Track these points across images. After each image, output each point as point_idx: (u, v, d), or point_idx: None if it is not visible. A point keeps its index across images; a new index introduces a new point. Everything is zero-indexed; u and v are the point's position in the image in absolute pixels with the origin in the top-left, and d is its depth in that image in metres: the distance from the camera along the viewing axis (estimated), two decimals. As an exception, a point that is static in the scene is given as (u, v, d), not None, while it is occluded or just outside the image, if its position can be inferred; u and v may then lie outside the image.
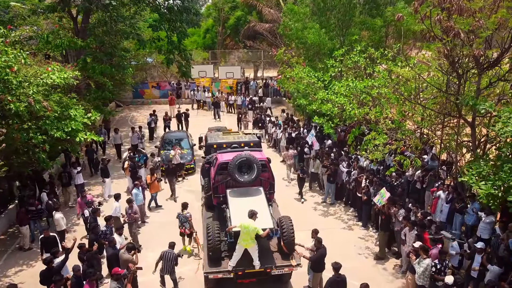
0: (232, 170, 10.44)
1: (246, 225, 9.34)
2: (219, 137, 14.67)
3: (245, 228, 9.32)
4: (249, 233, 9.36)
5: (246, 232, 9.35)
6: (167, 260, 10.61)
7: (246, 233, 9.36)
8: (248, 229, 9.33)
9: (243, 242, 9.45)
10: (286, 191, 17.31)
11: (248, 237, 9.39)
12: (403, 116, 13.02)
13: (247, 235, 9.37)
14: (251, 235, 9.40)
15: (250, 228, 9.34)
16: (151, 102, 33.63)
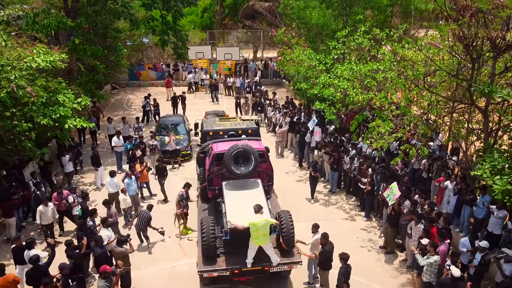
0: (227, 161, 9.76)
1: (255, 222, 8.78)
2: (216, 124, 13.96)
3: (255, 226, 8.77)
4: (259, 230, 8.81)
5: (256, 230, 8.81)
6: (141, 219, 11.65)
7: (256, 231, 8.82)
8: (258, 226, 8.78)
9: (255, 240, 8.90)
10: (286, 178, 16.70)
11: (260, 234, 8.85)
12: (409, 101, 12.25)
13: (257, 232, 8.83)
14: (263, 231, 8.85)
15: (260, 224, 8.79)
16: (147, 84, 32.75)
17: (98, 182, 15.79)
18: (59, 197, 12.17)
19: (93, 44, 19.45)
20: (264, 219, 8.87)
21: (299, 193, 15.36)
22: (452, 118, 11.79)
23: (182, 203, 12.27)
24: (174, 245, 12.18)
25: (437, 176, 12.69)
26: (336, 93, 13.62)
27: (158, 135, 19.01)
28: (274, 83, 32.85)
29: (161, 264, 11.34)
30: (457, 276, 8.34)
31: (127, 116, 25.16)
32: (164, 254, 11.71)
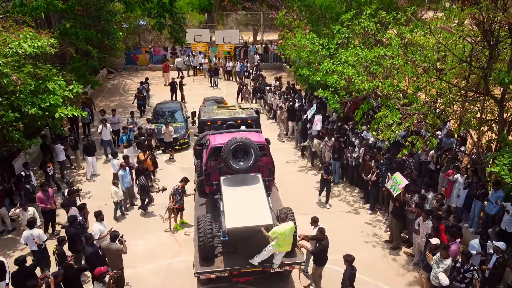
0: (226, 156, 9.16)
1: (283, 231, 8.32)
2: (214, 113, 13.30)
3: (282, 235, 8.32)
4: (286, 238, 8.39)
5: (283, 239, 8.37)
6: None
7: (284, 240, 8.38)
8: (286, 235, 8.37)
9: (279, 247, 8.44)
10: (287, 168, 16.13)
11: (286, 242, 8.44)
12: (418, 89, 11.57)
13: (284, 241, 8.40)
14: (289, 240, 8.47)
15: (287, 232, 8.39)
16: (145, 68, 31.91)
17: (89, 172, 15.21)
18: (45, 196, 11.32)
19: (86, 27, 18.60)
20: (291, 227, 8.51)
21: (300, 184, 14.81)
22: (463, 107, 11.12)
23: (175, 197, 11.73)
24: (171, 240, 11.69)
25: (446, 168, 12.10)
26: (340, 80, 12.93)
27: (154, 122, 18.40)
28: (275, 67, 32.02)
29: (157, 261, 10.85)
30: (445, 285, 8.07)
31: (123, 102, 24.64)
32: (160, 251, 11.22)
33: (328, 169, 12.94)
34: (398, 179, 10.45)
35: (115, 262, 9.28)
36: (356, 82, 12.16)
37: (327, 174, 12.89)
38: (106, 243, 9.41)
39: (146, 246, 11.40)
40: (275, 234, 8.30)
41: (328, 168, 12.95)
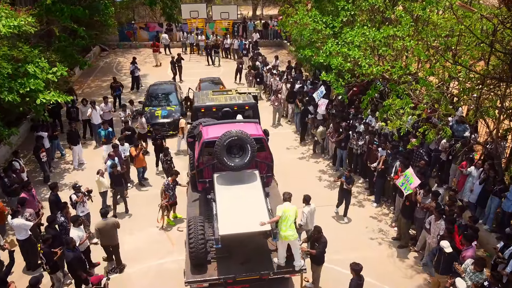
0: (219, 152, 8.24)
1: (287, 208, 7.80)
2: (208, 98, 12.31)
3: (286, 212, 7.72)
4: (288, 219, 7.67)
5: (285, 218, 7.67)
6: None
7: (286, 219, 7.66)
8: (289, 214, 7.74)
9: (283, 233, 7.62)
10: (286, 155, 15.25)
11: (288, 225, 7.64)
12: (431, 74, 10.54)
13: (286, 222, 7.65)
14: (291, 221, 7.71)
15: (291, 211, 7.80)
16: (139, 46, 30.58)
17: (76, 161, 14.32)
18: (30, 196, 10.27)
19: (72, 3, 17.31)
20: (294, 207, 7.93)
21: (301, 174, 13.94)
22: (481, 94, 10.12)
23: (168, 193, 10.92)
24: (162, 238, 10.91)
25: (458, 159, 11.20)
26: (345, 63, 11.87)
27: (147, 105, 17.41)
28: (274, 44, 30.70)
29: (146, 260, 10.10)
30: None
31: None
32: (150, 249, 10.44)
33: (350, 177, 11.04)
34: (410, 177, 9.56)
35: (113, 237, 9.38)
36: (363, 65, 11.11)
37: (348, 183, 11.03)
38: (101, 222, 9.26)
39: (135, 244, 10.63)
40: (280, 212, 7.73)
41: (350, 176, 11.04)
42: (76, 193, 10.33)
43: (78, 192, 10.35)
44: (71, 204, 10.27)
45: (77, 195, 10.29)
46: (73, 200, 10.23)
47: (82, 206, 10.33)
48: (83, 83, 23.47)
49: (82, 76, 24.34)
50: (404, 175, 9.85)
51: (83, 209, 10.36)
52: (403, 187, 9.77)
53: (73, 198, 10.24)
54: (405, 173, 9.86)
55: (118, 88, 18.74)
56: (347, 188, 11.08)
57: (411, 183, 9.61)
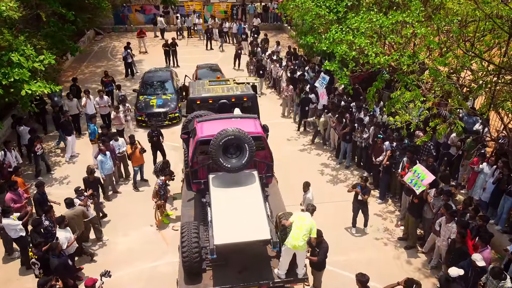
0: (214, 152, 7.60)
1: (302, 216, 7.32)
2: (204, 89, 11.61)
3: (301, 220, 7.22)
4: (302, 228, 7.14)
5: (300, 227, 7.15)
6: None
7: (300, 228, 7.14)
8: (304, 223, 7.19)
9: (294, 241, 7.05)
10: (287, 147, 14.64)
11: (301, 234, 7.09)
12: (444, 65, 9.80)
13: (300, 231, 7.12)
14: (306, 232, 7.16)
15: (307, 221, 7.23)
16: (135, 29, 29.52)
17: (68, 154, 13.68)
18: (16, 195, 9.65)
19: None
20: (312, 221, 7.34)
21: (302, 167, 13.31)
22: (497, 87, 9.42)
23: (159, 193, 10.33)
24: (157, 238, 10.36)
25: (470, 154, 10.58)
26: (350, 52, 11.13)
27: (142, 94, 16.68)
28: (275, 28, 29.72)
29: (139, 263, 9.56)
30: (454, 276, 7.10)
31: (110, 68, 22.70)
32: (143, 250, 9.90)
33: (366, 188, 10.03)
34: (421, 173, 8.94)
35: (80, 225, 9.14)
36: (370, 54, 10.37)
37: (364, 193, 9.96)
38: (69, 212, 8.94)
39: (128, 245, 10.09)
40: (294, 217, 7.30)
41: (366, 187, 10.03)
42: (78, 196, 9.57)
43: (80, 195, 9.61)
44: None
45: (79, 198, 9.53)
46: (77, 205, 9.44)
47: (87, 210, 9.65)
48: (76, 69, 22.69)
49: (75, 62, 23.54)
50: (413, 171, 9.23)
51: (88, 214, 9.71)
52: (413, 183, 9.16)
53: (76, 202, 9.42)
54: (414, 168, 9.23)
55: (110, 84, 17.18)
56: (362, 199, 10.02)
57: (422, 179, 8.99)
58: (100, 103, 14.89)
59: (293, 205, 11.23)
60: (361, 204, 10.17)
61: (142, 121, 15.84)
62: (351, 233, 10.47)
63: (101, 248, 10.03)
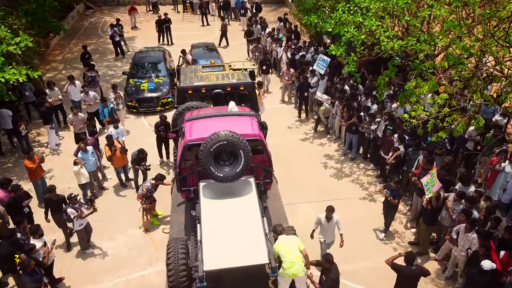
0: (205, 160, 6.62)
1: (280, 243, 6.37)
2: (197, 76, 10.52)
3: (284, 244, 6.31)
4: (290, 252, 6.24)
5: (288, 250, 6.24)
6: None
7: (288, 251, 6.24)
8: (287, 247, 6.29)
9: (290, 270, 6.19)
10: (287, 135, 13.64)
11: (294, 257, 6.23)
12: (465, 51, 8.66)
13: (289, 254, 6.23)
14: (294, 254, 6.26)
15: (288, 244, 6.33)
16: (128, 3, 27.94)
17: (52, 142, 12.71)
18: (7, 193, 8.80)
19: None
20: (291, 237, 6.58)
21: (303, 159, 12.36)
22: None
23: (146, 195, 9.41)
24: (145, 242, 9.50)
25: (489, 151, 9.59)
26: (358, 35, 9.96)
27: (132, 77, 15.53)
28: (275, 1, 28.08)
29: (126, 272, 8.73)
30: (487, 269, 6.70)
31: (101, 46, 21.40)
32: (131, 257, 9.05)
33: (397, 191, 8.93)
34: (435, 178, 8.01)
35: None
36: (382, 39, 9.22)
37: (393, 197, 8.92)
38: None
39: (115, 251, 9.24)
40: (275, 251, 6.31)
41: (397, 190, 8.92)
42: (72, 205, 8.51)
43: (75, 203, 8.54)
44: (66, 219, 8.69)
45: (74, 207, 8.49)
46: (69, 214, 8.47)
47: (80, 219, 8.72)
48: (64, 47, 21.37)
49: (63, 39, 22.16)
50: (431, 173, 8.27)
51: (82, 221, 8.74)
52: (427, 188, 8.24)
53: (70, 212, 8.44)
54: (432, 172, 8.28)
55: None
56: (392, 202, 9.01)
57: (434, 184, 8.09)
58: (86, 100, 13.14)
59: (294, 203, 10.42)
60: (390, 208, 9.23)
61: (133, 106, 14.77)
62: (357, 236, 9.60)
63: (84, 254, 9.17)
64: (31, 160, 9.74)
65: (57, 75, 18.22)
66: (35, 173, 9.89)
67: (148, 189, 9.22)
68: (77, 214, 8.49)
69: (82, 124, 11.99)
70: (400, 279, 7.08)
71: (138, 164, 10.35)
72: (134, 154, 10.38)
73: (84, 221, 8.81)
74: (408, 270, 6.89)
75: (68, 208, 8.51)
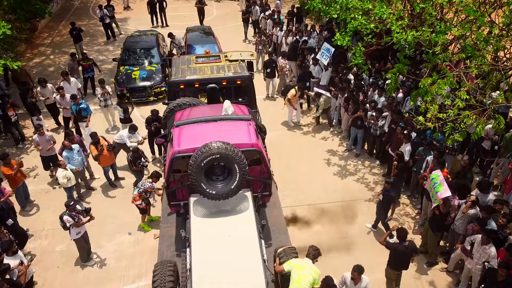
0: (195, 175, 5.85)
1: (302, 265, 5.80)
2: (190, 69, 9.66)
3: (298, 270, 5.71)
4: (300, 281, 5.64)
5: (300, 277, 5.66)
6: None
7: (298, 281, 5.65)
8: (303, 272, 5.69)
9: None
10: (287, 129, 12.79)
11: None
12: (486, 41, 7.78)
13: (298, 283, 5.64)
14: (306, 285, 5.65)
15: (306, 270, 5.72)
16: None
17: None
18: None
19: None
20: (315, 270, 5.89)
21: (305, 155, 11.60)
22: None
23: (143, 195, 8.72)
24: (135, 251, 8.82)
25: (507, 152, 8.82)
26: (367, 23, 9.03)
27: (122, 65, 14.59)
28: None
29: (114, 285, 8.09)
30: None
31: (92, 28, 20.33)
32: (119, 270, 8.36)
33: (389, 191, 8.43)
34: (438, 183, 7.28)
35: None
36: (394, 29, 8.31)
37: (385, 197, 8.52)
38: None
39: (102, 261, 8.55)
40: (289, 265, 5.78)
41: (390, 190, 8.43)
42: (69, 213, 7.77)
43: (72, 211, 7.81)
44: (62, 226, 7.91)
45: (71, 215, 7.77)
46: (64, 221, 7.75)
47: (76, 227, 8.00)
48: (53, 29, 20.33)
49: (52, 20, 21.10)
50: (431, 177, 7.56)
51: (79, 229, 8.04)
52: (432, 194, 7.55)
53: (66, 219, 7.71)
54: (432, 175, 7.55)
55: (91, 68, 13.93)
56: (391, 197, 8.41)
57: (438, 191, 7.36)
58: (62, 104, 11.65)
59: (296, 205, 9.74)
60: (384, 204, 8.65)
61: (123, 95, 13.83)
62: (362, 244, 8.93)
63: (69, 266, 8.50)
64: (8, 166, 8.89)
65: (45, 60, 17.32)
66: (15, 180, 9.05)
67: (151, 187, 8.49)
68: (73, 222, 7.79)
69: (50, 145, 10.06)
70: (393, 256, 7.15)
71: (136, 165, 9.62)
72: (129, 156, 9.66)
73: (82, 229, 8.10)
74: (401, 247, 6.96)
75: (64, 215, 7.78)
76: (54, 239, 8.99)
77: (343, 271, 7.97)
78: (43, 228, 9.29)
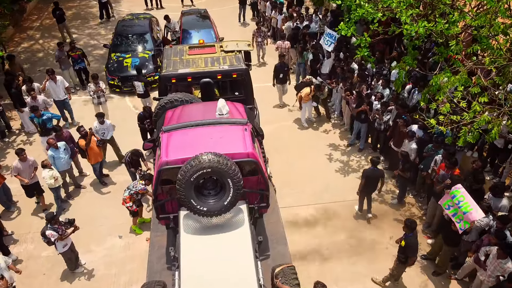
0: (183, 191, 5.29)
1: None
2: (182, 61, 8.98)
3: None
4: None
5: None
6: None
7: None
8: None
9: None
10: (286, 120, 12.26)
11: None
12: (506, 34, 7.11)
13: None
14: None
15: None
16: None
17: (28, 124, 11.37)
18: None
19: None
20: None
21: (305, 149, 11.06)
22: None
23: (135, 197, 8.21)
24: (126, 255, 8.36)
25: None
26: (375, 12, 8.31)
27: (114, 52, 13.86)
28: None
29: (103, 293, 7.70)
30: None
31: (83, 10, 19.46)
32: (108, 277, 7.93)
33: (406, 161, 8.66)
34: (464, 202, 6.61)
35: None
36: (403, 20, 7.61)
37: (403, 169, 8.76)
38: None
39: (90, 267, 8.10)
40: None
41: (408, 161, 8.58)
42: (52, 226, 7.21)
43: (54, 224, 7.23)
44: (47, 242, 7.36)
45: (54, 228, 7.21)
46: (48, 236, 7.22)
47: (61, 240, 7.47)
48: (42, 11, 19.44)
49: (42, 1, 20.16)
50: (452, 195, 6.89)
51: (65, 242, 7.51)
52: (451, 212, 6.90)
53: (49, 234, 7.18)
54: (453, 192, 6.88)
55: (80, 59, 12.98)
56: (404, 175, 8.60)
57: (465, 212, 6.66)
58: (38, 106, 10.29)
59: (296, 206, 9.26)
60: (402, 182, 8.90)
61: (115, 85, 13.25)
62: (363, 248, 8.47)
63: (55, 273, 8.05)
64: None
65: (33, 45, 16.54)
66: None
67: (143, 190, 7.99)
68: (58, 235, 7.27)
69: (33, 172, 8.92)
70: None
71: (135, 168, 9.06)
72: (127, 156, 9.08)
73: (68, 240, 7.58)
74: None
75: (47, 230, 7.23)
76: (40, 243, 8.45)
77: (345, 279, 7.60)
78: (29, 231, 8.82)
